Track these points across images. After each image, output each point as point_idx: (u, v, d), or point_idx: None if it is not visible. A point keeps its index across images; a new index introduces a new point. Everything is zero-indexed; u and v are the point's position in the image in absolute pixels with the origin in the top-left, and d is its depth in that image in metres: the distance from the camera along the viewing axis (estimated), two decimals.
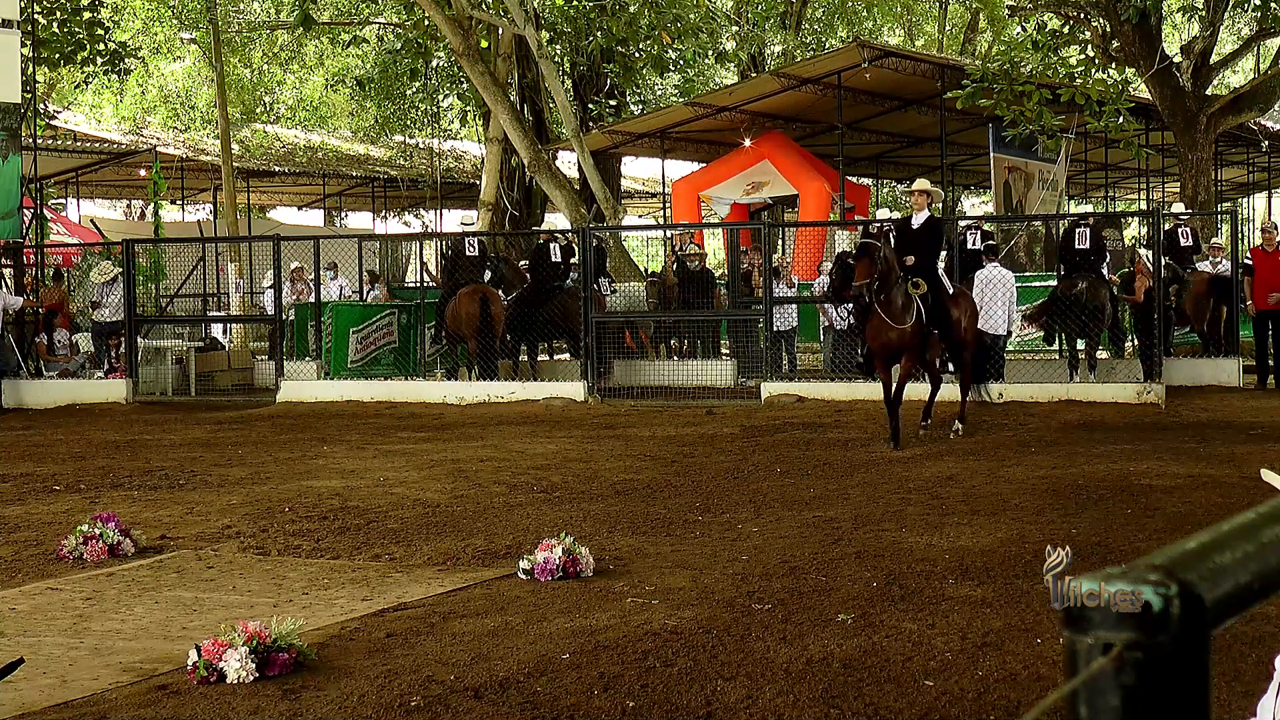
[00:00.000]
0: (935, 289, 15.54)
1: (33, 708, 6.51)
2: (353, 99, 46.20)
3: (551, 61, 32.00)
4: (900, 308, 15.10)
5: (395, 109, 41.59)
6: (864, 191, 37.45)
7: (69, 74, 36.85)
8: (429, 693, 6.57)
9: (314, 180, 42.44)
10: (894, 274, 15.02)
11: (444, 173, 41.94)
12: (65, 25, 27.78)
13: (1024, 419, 17.36)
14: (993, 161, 31.17)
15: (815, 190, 30.91)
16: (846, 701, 6.29)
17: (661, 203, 38.65)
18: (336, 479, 13.72)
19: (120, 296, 23.05)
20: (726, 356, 23.67)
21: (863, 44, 29.42)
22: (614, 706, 6.30)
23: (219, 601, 8.68)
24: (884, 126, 34.41)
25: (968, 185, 46.84)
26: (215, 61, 34.22)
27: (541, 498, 12.33)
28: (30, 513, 12.11)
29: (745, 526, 10.80)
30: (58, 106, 40.10)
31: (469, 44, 30.62)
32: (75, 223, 35.46)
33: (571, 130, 30.90)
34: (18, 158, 22.81)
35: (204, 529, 11.23)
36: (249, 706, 6.45)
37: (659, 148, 34.36)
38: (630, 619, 7.88)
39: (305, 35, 40.47)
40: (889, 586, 8.54)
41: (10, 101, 22.69)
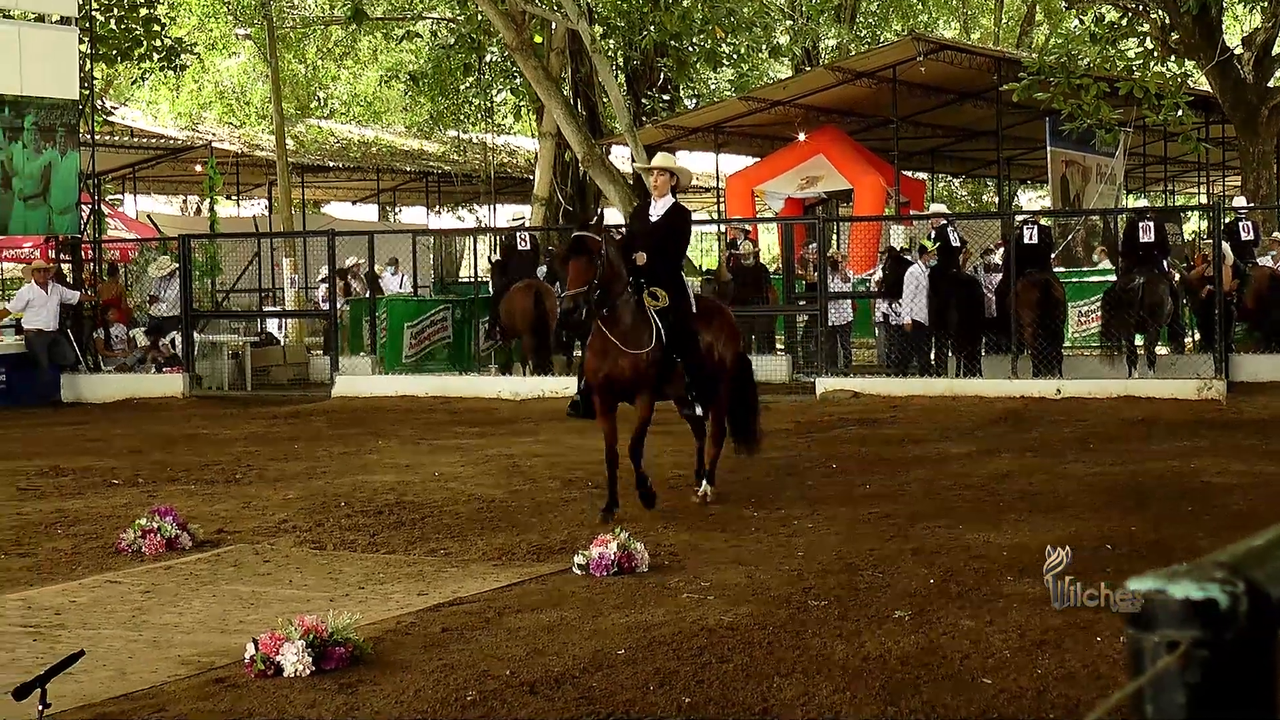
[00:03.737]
0: (680, 302, 11.58)
1: (93, 699, 6.57)
2: (406, 94, 46.32)
3: (605, 56, 31.99)
4: (631, 326, 11.21)
5: (449, 104, 41.65)
6: (919, 186, 37.30)
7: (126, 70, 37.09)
8: (484, 687, 6.60)
9: (368, 175, 42.61)
10: (621, 280, 11.19)
11: (497, 167, 42.00)
12: (122, 22, 28.01)
13: (1082, 415, 17.25)
14: (1049, 156, 30.99)
15: (870, 185, 30.82)
16: (904, 699, 6.27)
17: (715, 197, 38.62)
18: (391, 474, 13.78)
19: (177, 291, 23.21)
20: (781, 352, 23.64)
21: (918, 37, 29.31)
22: (669, 703, 6.31)
23: (275, 595, 8.74)
24: (939, 120, 34.25)
25: (1024, 180, 46.59)
26: (270, 57, 34.42)
27: (596, 493, 12.31)
28: (89, 506, 12.22)
29: (800, 523, 10.79)
30: (115, 103, 40.41)
31: (523, 39, 30.64)
32: (132, 218, 35.76)
33: (625, 125, 30.87)
34: (76, 154, 23.00)
35: (260, 523, 11.30)
36: (306, 700, 6.49)
37: (713, 142, 34.32)
38: (686, 615, 7.89)
39: (359, 30, 40.55)
40: (946, 584, 8.51)
41: (68, 98, 22.88)
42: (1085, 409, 17.83)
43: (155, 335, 23.76)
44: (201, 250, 24.69)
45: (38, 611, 8.46)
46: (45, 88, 22.35)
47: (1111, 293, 20.97)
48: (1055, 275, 21.50)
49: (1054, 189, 31.40)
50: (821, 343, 21.25)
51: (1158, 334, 20.86)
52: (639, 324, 11.25)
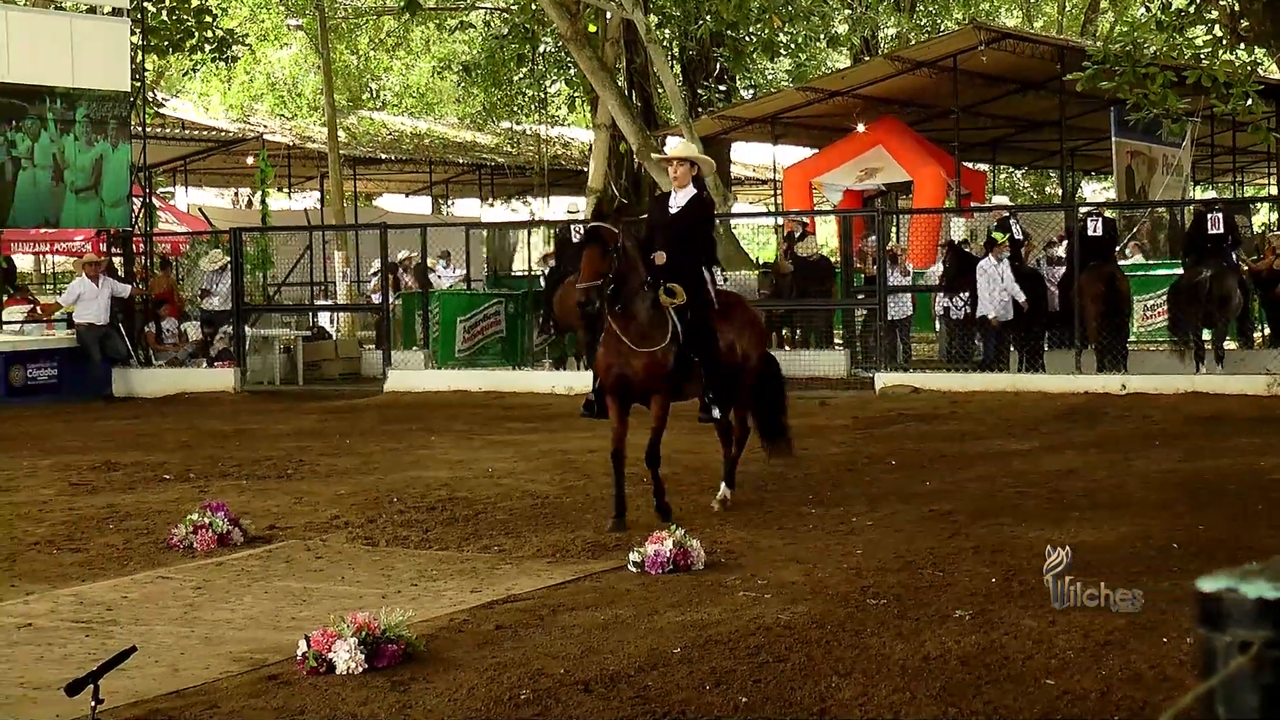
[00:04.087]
0: (699, 299, 11.13)
1: (145, 696, 6.62)
2: (459, 85, 46.46)
3: (660, 46, 31.98)
4: (647, 324, 10.80)
5: (502, 95, 41.77)
6: (980, 177, 37.13)
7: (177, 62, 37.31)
8: (538, 686, 6.61)
9: (420, 167, 42.75)
10: (637, 275, 10.77)
11: (551, 159, 42.09)
12: (174, 13, 28.20)
13: (1148, 411, 17.13)
14: (1114, 146, 30.77)
15: (930, 176, 30.70)
16: (965, 700, 6.25)
17: (772, 189, 38.56)
18: (444, 469, 13.82)
19: (229, 285, 23.36)
20: (840, 346, 23.58)
21: (979, 26, 29.20)
22: (726, 702, 6.30)
23: (328, 592, 8.78)
24: (1001, 110, 34.06)
25: (1088, 171, 46.30)
26: (322, 48, 34.58)
27: (649, 489, 12.31)
28: (141, 501, 12.32)
29: (859, 520, 10.76)
30: (166, 95, 40.68)
31: (577, 28, 30.68)
32: (184, 211, 36.00)
33: (680, 116, 30.86)
34: (127, 146, 23.18)
35: (312, 519, 11.36)
36: (358, 698, 6.52)
37: (770, 133, 34.26)
38: (742, 613, 7.88)
39: (411, 21, 40.71)
40: (1008, 582, 8.47)
41: (120, 90, 23.06)
42: (1151, 405, 17.70)
43: (208, 329, 23.92)
44: (253, 243, 24.82)
45: (90, 607, 8.53)
46: (97, 80, 22.54)
47: (1179, 286, 20.81)
48: (1120, 268, 21.36)
49: (1119, 180, 31.18)
50: (880, 337, 21.19)
51: (1226, 328, 20.68)
52: (654, 321, 10.83)
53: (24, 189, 21.92)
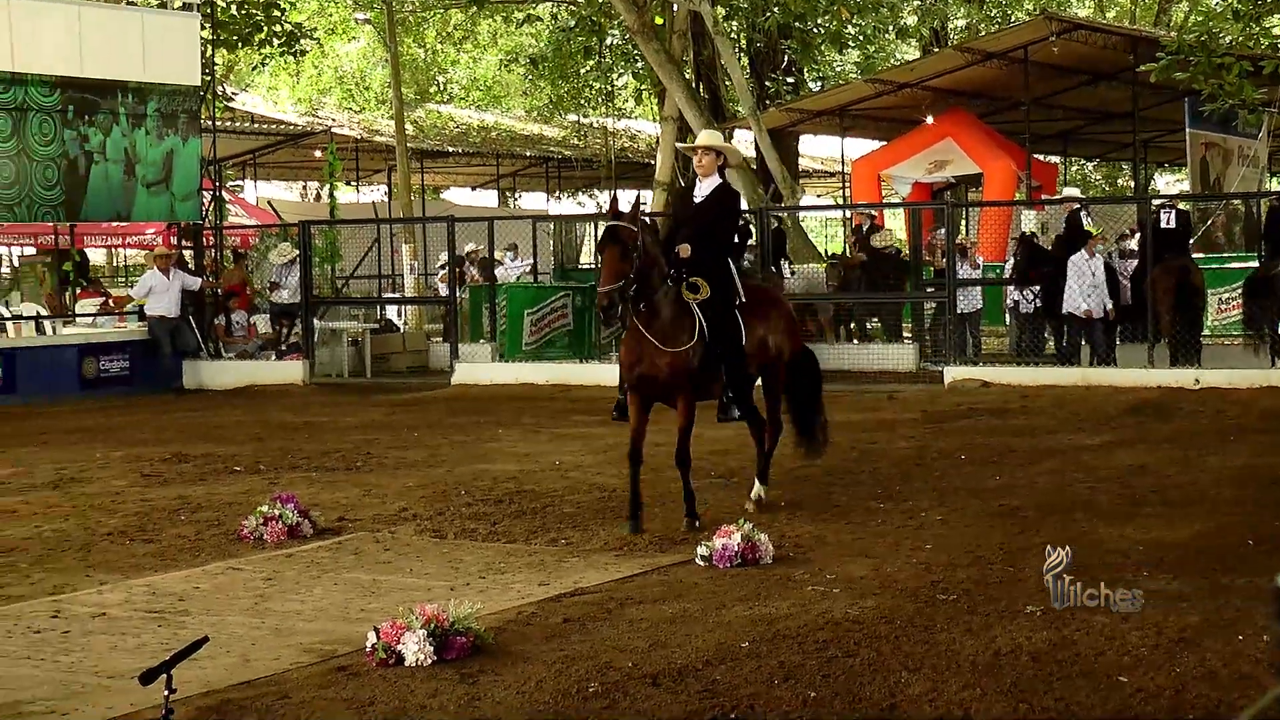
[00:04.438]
0: (724, 293, 10.79)
1: (216, 685, 6.69)
2: (526, 78, 46.55)
3: (728, 38, 31.95)
4: (671, 322, 10.47)
5: (569, 88, 41.78)
6: (1051, 170, 36.88)
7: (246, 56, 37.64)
8: (606, 679, 6.63)
9: (487, 161, 42.85)
10: (659, 271, 10.47)
11: (618, 152, 42.09)
12: (243, 7, 28.36)
13: (1222, 406, 16.97)
14: (1188, 138, 30.47)
15: (1000, 169, 30.53)
16: (1036, 696, 6.22)
17: (841, 182, 38.44)
18: (512, 462, 13.87)
19: (298, 278, 23.51)
20: (908, 340, 23.50)
21: (1051, 16, 28.96)
22: (794, 697, 6.30)
23: (396, 584, 8.84)
24: (1072, 102, 33.81)
25: (1161, 163, 45.89)
26: (390, 42, 34.70)
27: (719, 483, 12.33)
28: (212, 493, 12.43)
29: (928, 515, 10.72)
30: (235, 89, 40.97)
31: (644, 21, 30.69)
32: (253, 204, 36.23)
33: (748, 108, 30.83)
34: (197, 140, 23.37)
35: (381, 511, 11.43)
36: (427, 690, 6.56)
37: (838, 125, 34.15)
38: (811, 608, 7.87)
39: (479, 14, 40.84)
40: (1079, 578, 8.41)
41: (190, 84, 23.24)
42: (1225, 400, 17.54)
43: (279, 322, 24.08)
44: (321, 236, 24.97)
45: (162, 597, 8.62)
46: (168, 74, 22.74)
47: (1254, 279, 20.60)
48: (1194, 261, 21.17)
49: (1193, 172, 30.88)
50: (950, 330, 21.10)
51: None
52: (678, 319, 10.49)
53: (96, 183, 22.15)
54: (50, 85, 21.44)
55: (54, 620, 8.10)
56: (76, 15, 21.81)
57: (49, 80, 21.41)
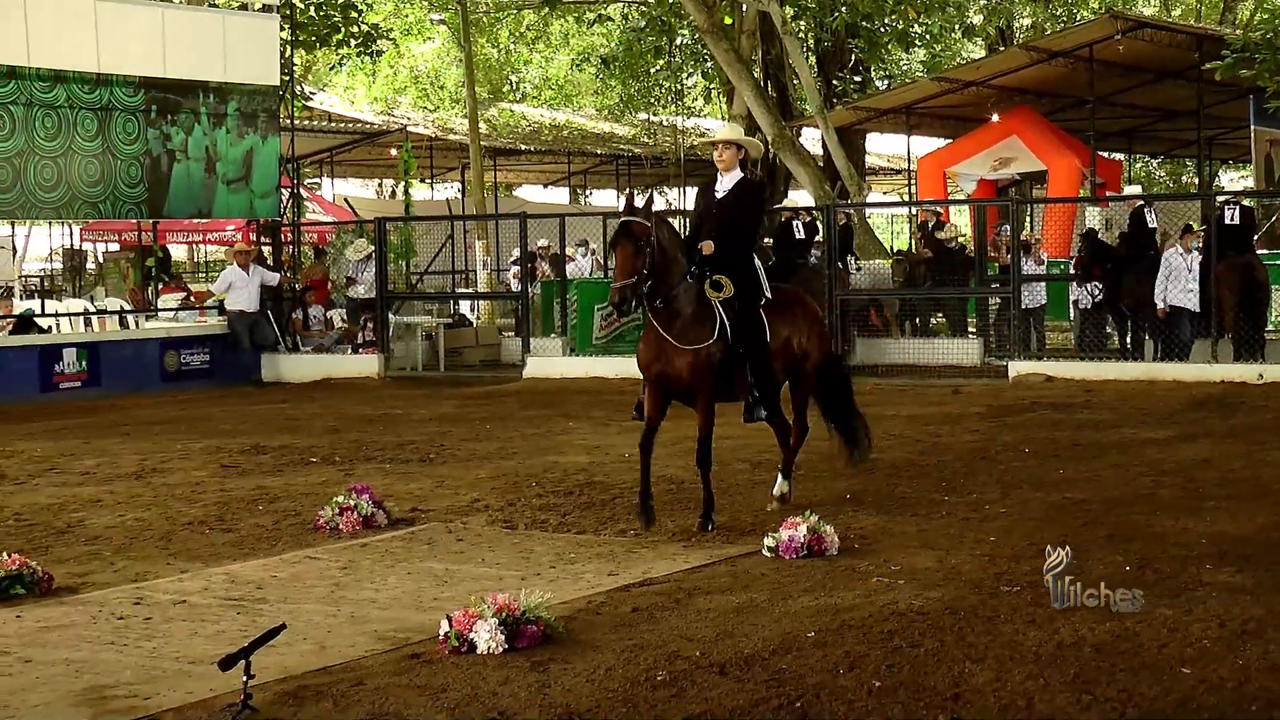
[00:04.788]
0: (747, 290, 10.35)
1: (293, 671, 6.73)
2: (597, 77, 46.62)
3: (796, 38, 31.88)
4: (691, 320, 10.04)
5: (639, 87, 41.83)
6: (1115, 167, 36.57)
7: (324, 56, 37.80)
8: (674, 668, 6.63)
9: (559, 158, 42.94)
10: (677, 268, 10.04)
11: (687, 150, 42.05)
12: (321, 9, 28.55)
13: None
14: (1253, 135, 30.16)
15: (1065, 166, 30.31)
16: (1099, 687, 6.17)
17: (907, 179, 38.28)
18: (582, 455, 13.88)
19: (374, 273, 23.63)
20: (973, 335, 23.39)
21: (1116, 15, 28.72)
22: (859, 686, 6.28)
23: (469, 573, 8.87)
24: (1137, 100, 33.52)
25: (1225, 160, 45.42)
26: (464, 42, 34.84)
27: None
28: (289, 484, 12.51)
29: (992, 507, 10.66)
30: (313, 88, 41.21)
31: (713, 21, 30.66)
32: (330, 201, 36.46)
33: (816, 106, 30.76)
34: (276, 139, 23.53)
35: (453, 502, 11.47)
36: (499, 677, 6.57)
37: (904, 123, 34.00)
38: (876, 599, 7.84)
39: (551, 15, 40.92)
40: (1141, 571, 8.35)
41: (269, 84, 23.41)
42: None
43: (358, 316, 24.22)
44: (396, 233, 25.08)
45: (241, 585, 8.68)
46: (247, 74, 22.91)
47: None
48: (1258, 257, 20.93)
49: (1257, 169, 30.56)
50: (1014, 326, 20.97)
51: None
52: (698, 317, 10.02)
53: (178, 181, 22.35)
54: (134, 86, 21.64)
55: (136, 607, 8.17)
56: (160, 17, 22.01)
57: (133, 81, 21.61)
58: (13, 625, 7.83)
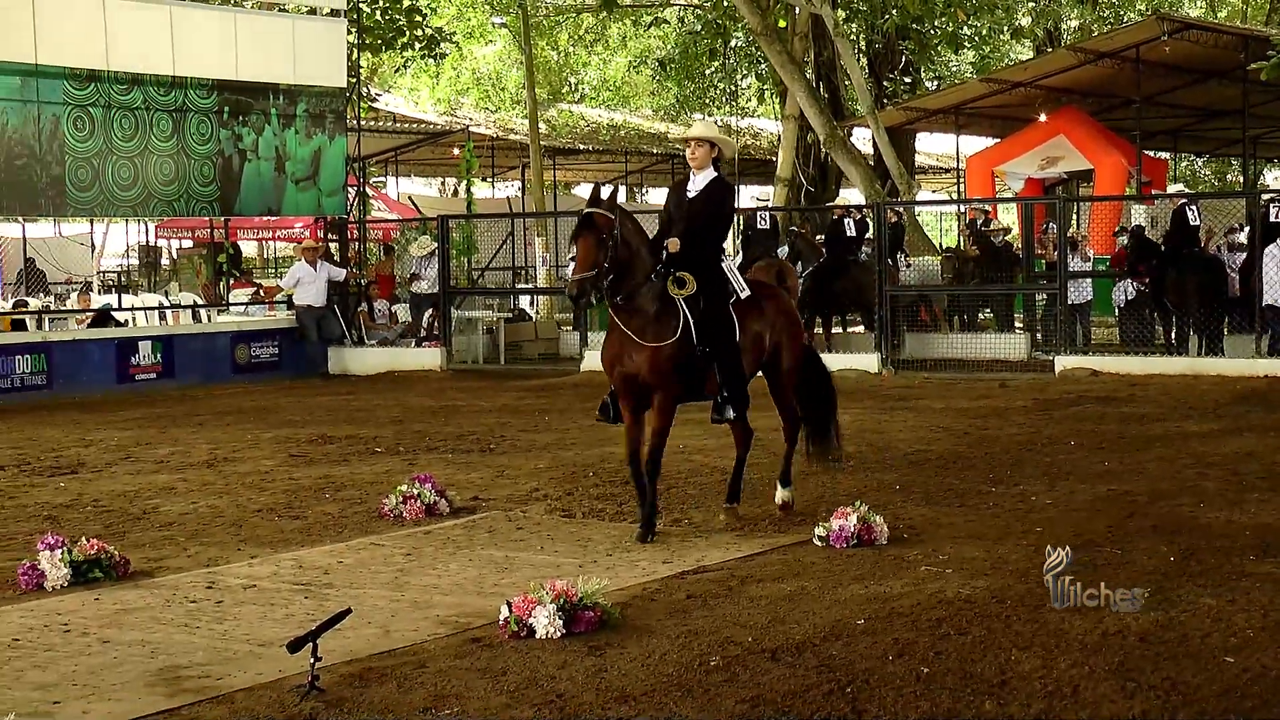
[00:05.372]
0: (714, 289, 9.76)
1: (359, 654, 6.77)
2: (654, 79, 46.59)
3: (847, 40, 31.76)
4: (652, 317, 9.51)
5: (695, 88, 41.77)
6: (1161, 166, 36.28)
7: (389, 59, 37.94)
8: (727, 653, 6.62)
9: (616, 157, 42.93)
10: (641, 263, 9.52)
11: (741, 149, 41.97)
12: (387, 13, 28.64)
13: None
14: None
15: (1111, 165, 30.09)
16: (1143, 675, 6.13)
17: (955, 178, 38.09)
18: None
19: (436, 269, 23.71)
20: (1020, 330, 23.28)
21: (1162, 17, 28.50)
22: (908, 672, 6.26)
23: (528, 561, 8.89)
24: (1182, 100, 33.24)
25: (1270, 159, 44.99)
26: (524, 45, 34.90)
27: (835, 466, 12.26)
28: (354, 473, 12.57)
29: (1039, 499, 10.60)
30: (379, 90, 41.36)
31: (767, 24, 30.60)
32: (394, 199, 36.60)
33: (867, 107, 30.65)
34: (343, 139, 23.63)
35: (513, 491, 11.49)
36: (557, 661, 6.59)
37: (953, 123, 33.84)
38: (924, 587, 7.82)
39: (609, 18, 40.92)
40: (1186, 562, 8.29)
41: (337, 86, 23.51)
42: None
43: (421, 311, 24.31)
44: (458, 230, 25.14)
45: (308, 571, 8.73)
46: (316, 77, 23.02)
47: None
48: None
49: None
50: (1061, 321, 20.85)
51: None
52: (660, 314, 9.49)
53: (249, 179, 22.49)
54: (207, 88, 21.79)
55: (209, 591, 8.24)
56: (232, 22, 22.16)
57: (206, 83, 21.76)
58: (92, 607, 7.91)
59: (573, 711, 5.89)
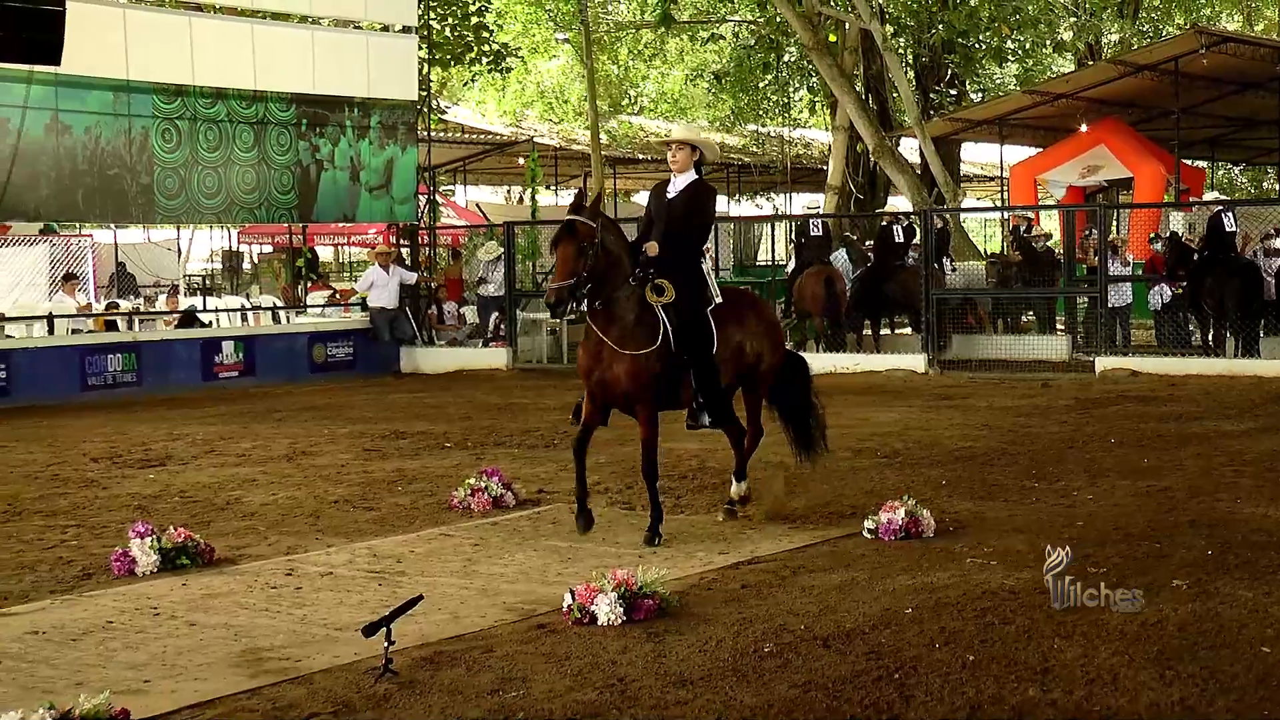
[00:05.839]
0: (692, 293, 9.28)
1: (430, 639, 6.80)
2: (710, 92, 46.48)
3: (895, 54, 31.64)
4: (632, 325, 9.03)
5: (749, 100, 41.65)
6: (1199, 174, 35.93)
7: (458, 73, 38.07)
8: (780, 640, 6.62)
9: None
10: (620, 271, 9.01)
11: (793, 159, 41.87)
12: (456, 29, 28.78)
13: None
14: None
15: (1150, 173, 29.84)
16: (1181, 664, 6.08)
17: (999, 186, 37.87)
18: (694, 441, 13.77)
19: (503, 273, 23.78)
20: (1061, 332, 23.13)
21: (1201, 30, 28.22)
22: (954, 659, 6.24)
23: (590, 551, 8.90)
24: (1221, 111, 32.89)
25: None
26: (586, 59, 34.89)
27: (884, 462, 12.25)
28: (425, 467, 12.62)
29: (1080, 494, 10.53)
30: (448, 102, 41.52)
31: (818, 39, 30.52)
32: (462, 207, 36.74)
33: (914, 118, 30.51)
34: (414, 149, 23.75)
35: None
36: (618, 646, 6.60)
37: (997, 133, 33.61)
38: (969, 578, 7.78)
39: (667, 33, 40.90)
40: (1223, 555, 8.22)
41: (409, 99, 23.63)
42: None
43: (488, 313, 24.39)
44: (524, 235, 25.20)
45: (381, 559, 8.78)
46: (389, 90, 23.15)
47: None
48: None
49: None
50: (1101, 323, 20.71)
51: None
52: (639, 322, 9.00)
53: (326, 188, 22.64)
54: (287, 101, 21.96)
55: (288, 578, 8.30)
56: (310, 39, 22.33)
57: (285, 97, 21.94)
58: (179, 592, 7.98)
59: (633, 694, 5.90)
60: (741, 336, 9.57)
